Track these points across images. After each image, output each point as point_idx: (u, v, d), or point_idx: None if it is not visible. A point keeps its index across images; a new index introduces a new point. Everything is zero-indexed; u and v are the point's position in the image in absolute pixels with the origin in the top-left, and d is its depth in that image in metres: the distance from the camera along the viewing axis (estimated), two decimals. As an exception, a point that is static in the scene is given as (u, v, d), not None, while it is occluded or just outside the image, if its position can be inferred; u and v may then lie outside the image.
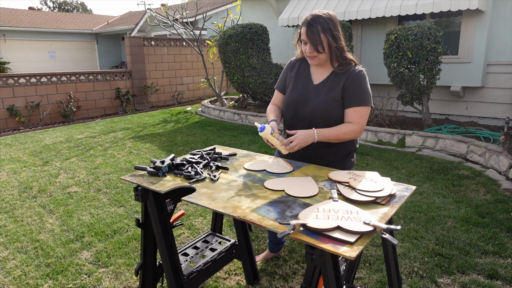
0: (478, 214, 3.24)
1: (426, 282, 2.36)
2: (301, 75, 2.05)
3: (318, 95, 1.96)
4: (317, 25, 1.82)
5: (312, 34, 1.83)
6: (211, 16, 13.09)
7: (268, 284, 2.39)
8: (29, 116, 8.01)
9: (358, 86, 1.90)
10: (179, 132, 6.78)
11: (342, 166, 2.05)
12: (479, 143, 4.74)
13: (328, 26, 1.83)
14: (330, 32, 1.84)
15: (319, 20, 1.83)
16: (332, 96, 1.92)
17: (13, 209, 3.64)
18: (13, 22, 16.96)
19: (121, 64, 19.53)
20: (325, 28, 1.82)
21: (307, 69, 2.05)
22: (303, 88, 2.01)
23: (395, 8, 6.04)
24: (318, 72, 2.01)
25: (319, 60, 1.93)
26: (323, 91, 1.95)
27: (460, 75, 6.08)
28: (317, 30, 1.82)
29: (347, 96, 1.91)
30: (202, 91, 11.70)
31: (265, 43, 7.54)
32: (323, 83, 1.97)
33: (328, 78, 1.97)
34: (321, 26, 1.82)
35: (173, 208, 1.93)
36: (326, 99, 1.93)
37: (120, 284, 2.43)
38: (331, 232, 1.24)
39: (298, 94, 2.02)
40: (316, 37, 1.83)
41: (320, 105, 1.94)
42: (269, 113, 2.13)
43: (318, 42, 1.83)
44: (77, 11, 41.93)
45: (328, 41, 1.85)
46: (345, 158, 2.08)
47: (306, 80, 2.02)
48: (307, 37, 1.84)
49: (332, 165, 2.02)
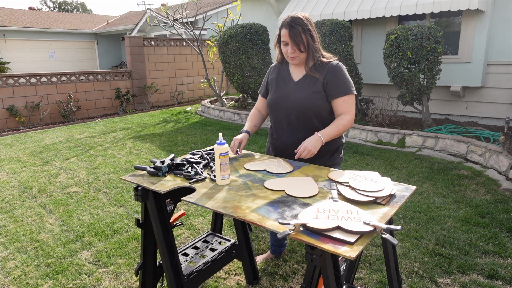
0: (478, 214, 3.24)
1: (426, 282, 2.36)
2: (282, 76, 2.16)
3: (299, 90, 2.06)
4: (297, 26, 1.92)
5: (294, 35, 1.92)
6: (211, 16, 13.08)
7: (268, 284, 2.39)
8: (29, 116, 8.01)
9: (340, 77, 2.01)
10: (179, 132, 6.78)
11: (331, 162, 2.13)
12: (479, 143, 4.74)
13: (307, 27, 1.94)
14: (309, 32, 1.95)
15: (298, 21, 1.93)
16: (314, 89, 2.03)
17: (13, 209, 3.64)
18: (13, 22, 16.96)
19: (121, 64, 19.53)
20: (305, 29, 1.94)
21: (286, 69, 2.16)
22: (285, 86, 2.12)
23: (395, 8, 6.04)
24: (297, 71, 2.11)
25: (299, 60, 2.03)
26: (304, 85, 2.06)
27: (460, 75, 6.08)
28: (298, 30, 1.92)
29: (332, 88, 2.01)
30: (202, 91, 11.70)
31: (265, 43, 7.54)
32: (303, 79, 2.08)
33: (306, 75, 2.07)
34: (301, 27, 1.93)
35: (173, 208, 1.93)
36: (309, 92, 2.03)
37: (120, 284, 2.43)
38: (331, 232, 1.24)
39: (281, 92, 2.13)
40: (298, 38, 1.93)
41: (303, 98, 2.03)
42: (248, 120, 2.27)
43: (300, 41, 1.93)
44: (77, 11, 41.92)
45: (308, 41, 1.95)
46: (334, 153, 2.16)
47: (286, 79, 2.13)
48: (290, 37, 1.94)
49: (321, 162, 2.06)
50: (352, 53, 6.38)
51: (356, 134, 5.99)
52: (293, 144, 2.07)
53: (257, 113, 2.30)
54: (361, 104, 6.86)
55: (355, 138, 5.98)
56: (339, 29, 6.16)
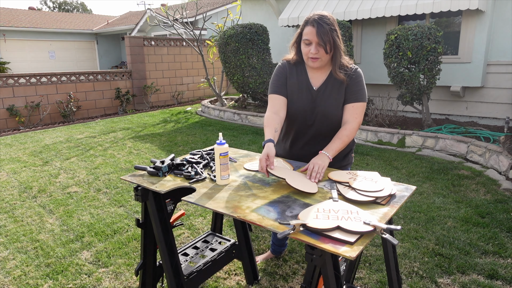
0: (478, 214, 3.24)
1: (426, 282, 2.36)
2: (302, 81, 1.98)
3: (323, 99, 1.94)
4: (325, 25, 1.79)
5: (323, 34, 1.78)
6: (211, 16, 13.08)
7: (268, 284, 2.39)
8: (29, 116, 8.01)
9: (358, 83, 1.93)
10: (179, 132, 6.78)
11: (345, 162, 2.13)
12: (479, 143, 4.74)
13: (334, 27, 1.82)
14: (336, 33, 1.82)
15: (325, 20, 1.80)
16: (338, 98, 1.93)
17: (13, 209, 3.64)
18: (13, 22, 16.96)
19: (121, 64, 19.52)
20: (333, 29, 1.81)
21: (304, 73, 1.99)
22: (308, 95, 1.97)
23: (395, 8, 6.04)
24: (315, 76, 1.97)
25: (321, 62, 1.87)
26: (326, 94, 1.94)
27: (460, 75, 6.08)
28: (326, 29, 1.78)
29: (348, 93, 1.93)
30: (202, 91, 11.70)
31: (265, 43, 7.54)
32: (323, 86, 1.95)
33: (327, 81, 1.95)
34: (329, 27, 1.79)
35: (173, 208, 1.93)
36: (333, 103, 1.93)
37: (120, 284, 2.43)
38: (331, 232, 1.24)
39: (306, 101, 1.96)
40: (326, 37, 1.78)
41: (328, 108, 1.93)
42: (267, 126, 1.88)
43: (327, 41, 1.79)
44: (77, 11, 41.92)
45: (335, 42, 1.82)
46: (347, 155, 2.14)
47: (307, 86, 1.97)
48: (317, 36, 1.78)
49: (336, 164, 2.03)
50: (352, 53, 6.38)
51: (356, 134, 5.99)
52: (313, 154, 1.90)
53: (275, 117, 1.91)
54: (361, 104, 6.85)
55: (355, 138, 5.96)
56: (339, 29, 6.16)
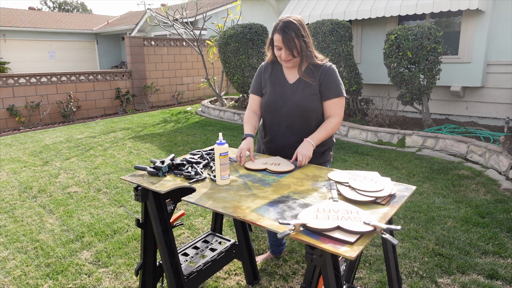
0: (478, 214, 3.24)
1: (426, 282, 2.36)
2: (276, 77, 2.14)
3: (296, 92, 2.07)
4: (291, 31, 1.90)
5: (287, 41, 1.91)
6: (211, 16, 13.08)
7: (268, 284, 2.39)
8: (29, 116, 8.01)
9: (333, 79, 2.03)
10: (179, 132, 6.78)
11: (323, 160, 2.18)
12: (479, 143, 4.74)
13: (300, 32, 1.93)
14: (302, 37, 1.94)
15: (291, 26, 1.91)
16: (310, 91, 2.04)
17: (13, 209, 3.64)
18: (13, 22, 16.96)
19: (121, 64, 19.52)
20: (298, 35, 1.92)
21: (280, 70, 2.14)
22: (281, 88, 2.11)
23: (395, 8, 6.04)
24: (291, 73, 2.10)
25: (293, 63, 2.03)
26: (300, 87, 2.06)
27: (460, 75, 6.08)
28: (291, 36, 1.91)
29: (325, 90, 2.03)
30: (202, 91, 11.70)
31: (265, 43, 7.51)
32: (298, 81, 2.08)
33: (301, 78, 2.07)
34: (294, 33, 1.91)
35: (173, 208, 1.93)
36: (305, 95, 2.05)
37: (120, 284, 2.43)
38: (331, 232, 1.24)
39: (278, 94, 2.11)
40: (292, 43, 1.92)
41: (299, 101, 2.05)
42: (246, 122, 2.17)
43: (293, 47, 1.93)
44: (77, 11, 41.91)
45: (301, 46, 1.95)
46: (324, 153, 2.20)
47: (281, 80, 2.12)
48: (283, 43, 1.92)
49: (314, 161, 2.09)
50: (352, 53, 6.38)
51: (356, 134, 5.99)
52: (288, 146, 2.10)
53: (253, 115, 2.20)
54: (361, 104, 6.86)
55: (355, 138, 5.98)
56: (339, 29, 6.16)
